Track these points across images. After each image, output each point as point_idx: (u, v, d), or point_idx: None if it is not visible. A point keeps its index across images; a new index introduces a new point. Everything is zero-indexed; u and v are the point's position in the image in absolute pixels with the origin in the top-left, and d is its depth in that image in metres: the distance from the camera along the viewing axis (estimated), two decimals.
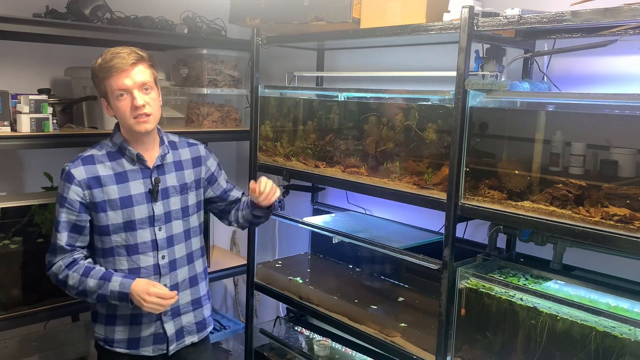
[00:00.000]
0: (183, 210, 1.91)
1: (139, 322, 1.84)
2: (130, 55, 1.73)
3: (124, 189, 1.79)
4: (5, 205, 2.15)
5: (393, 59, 2.57)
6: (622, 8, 1.43)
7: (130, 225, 1.79)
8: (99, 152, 1.82)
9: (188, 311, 1.94)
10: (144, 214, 1.81)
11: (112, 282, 1.73)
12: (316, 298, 2.40)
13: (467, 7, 1.71)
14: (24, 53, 2.57)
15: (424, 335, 2.01)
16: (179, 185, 1.90)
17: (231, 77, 2.89)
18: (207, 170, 2.02)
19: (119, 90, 1.72)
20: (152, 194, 1.82)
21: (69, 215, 1.76)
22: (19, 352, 2.46)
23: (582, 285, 1.76)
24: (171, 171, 1.89)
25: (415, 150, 2.02)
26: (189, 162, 1.96)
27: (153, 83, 1.79)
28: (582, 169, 1.67)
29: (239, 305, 3.44)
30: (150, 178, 1.83)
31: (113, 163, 1.80)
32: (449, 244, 1.82)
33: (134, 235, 1.80)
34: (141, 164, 1.83)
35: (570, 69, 1.98)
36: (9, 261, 2.18)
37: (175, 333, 1.89)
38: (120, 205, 1.78)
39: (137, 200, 1.80)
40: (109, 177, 1.78)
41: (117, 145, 1.82)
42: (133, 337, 1.85)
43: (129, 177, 1.80)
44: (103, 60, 1.73)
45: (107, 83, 1.73)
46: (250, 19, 2.48)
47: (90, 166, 1.78)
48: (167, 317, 1.87)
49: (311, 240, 2.98)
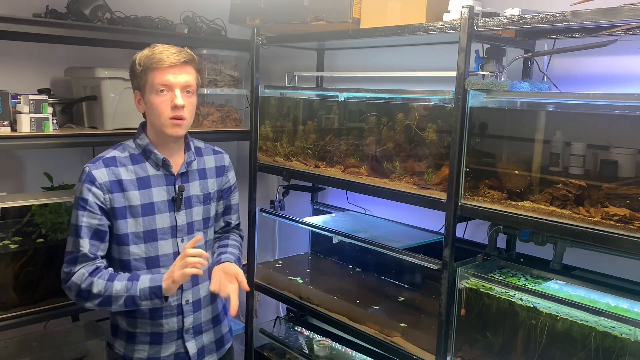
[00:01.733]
0: (205, 221, 1.82)
1: (159, 342, 1.74)
2: (182, 53, 1.66)
3: (146, 195, 1.68)
4: (5, 205, 2.15)
5: (393, 59, 2.57)
6: (622, 8, 1.42)
7: (151, 235, 1.69)
8: (121, 154, 1.71)
9: (209, 329, 1.86)
10: (166, 224, 1.71)
11: (141, 280, 1.61)
12: (316, 298, 2.40)
13: (467, 7, 1.71)
14: (24, 53, 2.57)
15: (424, 335, 2.01)
16: (203, 195, 1.81)
17: (231, 77, 2.89)
18: (227, 182, 1.94)
19: (162, 84, 1.63)
20: (175, 203, 1.72)
21: (91, 219, 1.63)
22: (19, 352, 2.45)
23: (582, 285, 1.76)
24: (195, 179, 1.80)
25: (415, 150, 2.02)
26: (212, 170, 1.87)
27: (195, 89, 1.72)
28: (582, 169, 1.67)
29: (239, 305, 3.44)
30: (174, 185, 1.73)
31: (136, 167, 1.69)
32: (449, 244, 1.82)
33: (155, 247, 1.69)
34: (166, 170, 1.73)
35: (570, 69, 1.98)
36: (9, 261, 2.18)
37: (197, 352, 1.81)
38: (142, 213, 1.67)
39: (159, 208, 1.70)
40: (131, 181, 1.67)
41: (141, 148, 1.72)
42: (153, 356, 1.75)
43: (151, 183, 1.70)
44: (152, 52, 1.65)
45: (151, 75, 1.63)
46: (250, 19, 2.48)
47: (113, 168, 1.66)
48: (188, 336, 1.78)
49: (311, 240, 2.98)
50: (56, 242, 2.25)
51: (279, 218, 2.64)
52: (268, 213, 2.63)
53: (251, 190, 2.66)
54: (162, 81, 1.63)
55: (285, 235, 3.14)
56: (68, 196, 2.28)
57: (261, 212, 2.66)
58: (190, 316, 1.78)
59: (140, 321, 1.75)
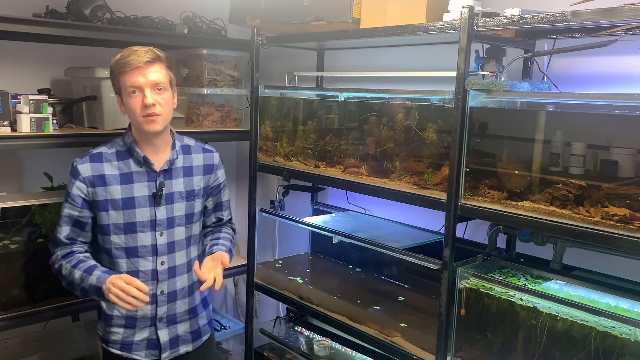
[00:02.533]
0: (187, 217, 1.90)
1: (133, 326, 1.84)
2: (147, 53, 1.73)
3: (127, 190, 1.79)
4: (5, 205, 2.15)
5: (393, 59, 2.57)
6: (622, 8, 1.42)
7: (130, 227, 1.79)
8: (108, 150, 1.82)
9: (184, 320, 1.92)
10: (145, 217, 1.80)
11: (92, 276, 1.71)
12: (316, 298, 2.40)
13: (467, 7, 1.71)
14: (24, 53, 2.57)
15: (424, 335, 2.01)
16: (186, 192, 1.88)
17: (231, 77, 2.89)
18: (215, 179, 2.00)
19: (132, 87, 1.72)
20: (155, 198, 1.81)
21: (71, 210, 1.78)
22: (19, 352, 2.46)
23: (582, 285, 1.75)
24: (179, 176, 1.87)
25: (415, 150, 2.02)
26: (200, 168, 1.94)
27: (167, 84, 1.78)
28: (582, 169, 1.67)
29: (239, 305, 3.44)
30: (156, 182, 1.82)
31: (120, 163, 1.80)
32: (449, 244, 1.82)
33: (134, 238, 1.80)
34: (147, 167, 1.82)
35: (570, 69, 1.98)
36: (9, 261, 2.18)
37: (170, 341, 1.88)
38: (122, 206, 1.78)
39: (139, 202, 1.80)
40: (113, 176, 1.78)
41: (126, 145, 1.82)
42: (126, 339, 1.84)
43: (134, 179, 1.80)
44: (120, 57, 1.74)
45: (122, 79, 1.74)
46: (250, 19, 2.48)
47: (97, 164, 1.78)
48: (161, 324, 1.86)
49: (311, 240, 2.98)
50: None
51: (279, 218, 2.64)
52: (268, 213, 2.63)
53: (251, 190, 2.66)
54: (132, 83, 1.73)
55: (285, 235, 3.14)
56: None
57: (261, 212, 2.66)
58: (164, 306, 1.86)
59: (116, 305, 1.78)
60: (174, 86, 1.84)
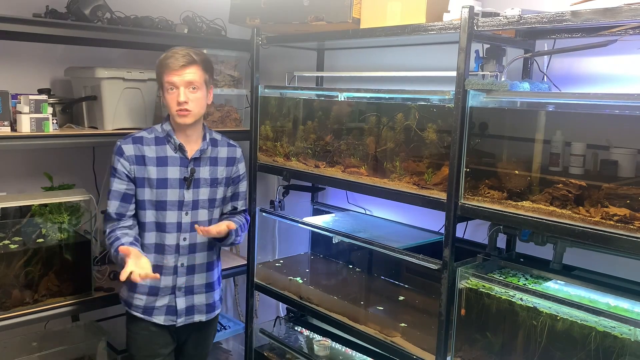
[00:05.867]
0: (210, 201, 2.10)
1: (155, 294, 2.05)
2: (184, 57, 1.95)
3: (162, 172, 2.01)
4: (5, 205, 2.15)
5: (393, 59, 2.57)
6: (622, 8, 1.43)
7: (161, 205, 2.01)
8: (148, 135, 2.04)
9: (201, 292, 2.13)
10: (174, 198, 2.02)
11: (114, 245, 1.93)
12: (316, 298, 2.40)
13: (467, 7, 1.71)
14: (24, 53, 2.57)
15: (424, 335, 2.01)
16: (210, 179, 2.09)
17: (231, 77, 2.89)
18: (236, 171, 2.19)
19: (170, 84, 1.96)
20: (186, 182, 2.03)
21: (119, 184, 2.00)
22: (19, 352, 2.46)
23: (582, 285, 1.76)
24: (206, 165, 2.09)
25: (415, 150, 2.02)
26: (224, 160, 2.14)
27: (201, 84, 1.99)
28: (582, 169, 1.67)
29: (239, 305, 3.44)
30: (187, 167, 2.04)
31: (158, 147, 2.02)
32: (449, 244, 1.82)
33: (163, 215, 2.02)
34: (182, 153, 2.04)
35: (570, 69, 1.98)
36: (9, 261, 2.18)
37: (186, 309, 2.09)
38: (157, 185, 2.00)
39: (171, 184, 2.02)
40: (151, 159, 2.01)
41: (165, 132, 2.04)
42: (148, 305, 2.06)
43: (168, 162, 2.02)
44: (163, 57, 1.98)
45: (163, 76, 1.97)
46: (250, 19, 2.48)
47: (139, 145, 2.01)
48: (180, 293, 2.08)
49: (311, 240, 2.98)
50: (56, 242, 2.25)
51: (279, 218, 2.64)
52: (268, 213, 2.64)
53: (251, 190, 2.66)
54: (170, 81, 1.97)
55: (285, 235, 3.14)
56: (68, 196, 2.28)
57: (261, 212, 2.66)
58: (183, 277, 2.08)
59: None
60: (210, 85, 2.05)
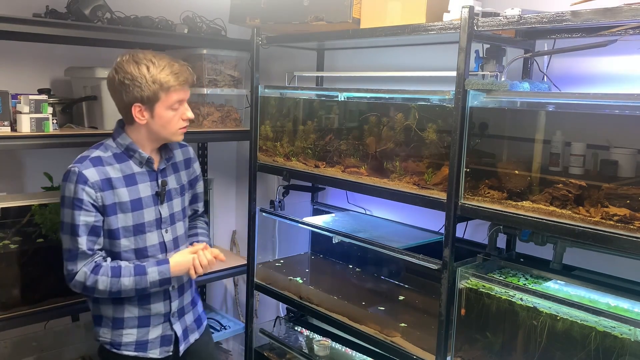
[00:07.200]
0: (183, 211, 1.96)
1: (147, 324, 1.86)
2: (191, 76, 1.81)
3: (133, 192, 1.79)
4: (5, 205, 2.15)
5: (393, 59, 2.57)
6: (622, 8, 1.42)
7: (139, 228, 1.80)
8: (104, 153, 1.79)
9: (190, 310, 2.00)
10: (152, 217, 1.83)
11: (150, 275, 1.76)
12: (316, 298, 2.40)
13: (467, 7, 1.71)
14: (24, 53, 2.57)
15: (424, 335, 2.01)
16: (179, 187, 1.94)
17: (231, 77, 2.89)
18: (194, 172, 2.05)
19: (180, 101, 1.78)
20: (160, 197, 1.84)
21: (87, 217, 1.71)
22: (19, 352, 2.46)
23: (582, 285, 1.76)
24: (172, 173, 1.92)
25: (415, 150, 2.02)
26: (182, 163, 1.98)
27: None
28: (582, 169, 1.67)
29: (239, 305, 3.44)
30: (157, 180, 1.85)
31: (121, 165, 1.79)
32: (449, 244, 1.82)
33: (143, 239, 1.81)
34: (148, 167, 1.84)
35: (570, 69, 1.98)
36: (9, 261, 2.18)
37: (183, 333, 1.94)
38: (131, 208, 1.78)
39: (146, 202, 1.81)
40: (118, 179, 1.77)
41: (123, 147, 1.81)
42: (141, 339, 1.85)
43: (137, 180, 1.81)
44: (171, 70, 1.74)
45: (170, 92, 1.75)
46: (250, 19, 2.48)
47: (101, 167, 1.75)
48: (174, 318, 1.91)
49: (311, 240, 2.98)
50: (56, 242, 2.25)
51: (279, 218, 2.64)
52: (268, 213, 2.63)
53: (251, 190, 2.66)
54: (180, 97, 1.78)
55: (285, 235, 3.14)
56: None
57: (261, 212, 2.66)
58: (176, 300, 1.91)
59: (128, 307, 1.83)
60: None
